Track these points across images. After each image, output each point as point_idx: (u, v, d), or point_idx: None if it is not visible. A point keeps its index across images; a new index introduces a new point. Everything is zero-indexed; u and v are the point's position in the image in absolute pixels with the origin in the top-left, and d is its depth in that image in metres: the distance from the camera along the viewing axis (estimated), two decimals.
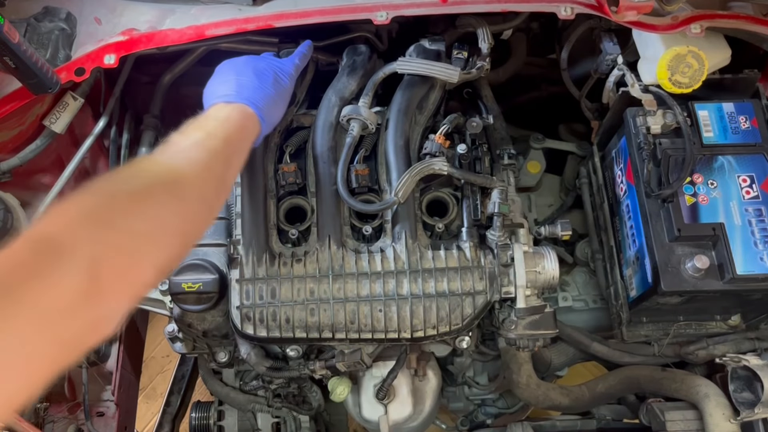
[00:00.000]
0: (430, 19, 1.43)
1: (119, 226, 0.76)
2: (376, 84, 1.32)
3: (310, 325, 1.19)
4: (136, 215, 0.79)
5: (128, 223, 0.77)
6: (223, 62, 1.20)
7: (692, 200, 1.25)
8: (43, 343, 0.64)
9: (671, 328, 1.40)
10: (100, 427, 1.66)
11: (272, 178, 1.29)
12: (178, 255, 0.88)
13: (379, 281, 1.19)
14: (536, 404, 1.48)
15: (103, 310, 0.71)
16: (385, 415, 1.36)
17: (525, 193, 1.68)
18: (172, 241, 0.84)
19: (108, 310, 0.71)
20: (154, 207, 0.82)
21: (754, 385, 1.29)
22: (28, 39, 1.21)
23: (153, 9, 1.29)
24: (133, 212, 0.79)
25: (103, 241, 0.72)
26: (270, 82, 1.15)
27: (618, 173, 1.42)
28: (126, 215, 0.77)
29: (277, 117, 1.19)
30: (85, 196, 0.78)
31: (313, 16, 1.24)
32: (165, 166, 0.89)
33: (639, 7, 1.22)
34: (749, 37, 1.32)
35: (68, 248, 0.68)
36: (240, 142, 1.04)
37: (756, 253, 1.20)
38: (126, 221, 0.77)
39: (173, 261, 0.87)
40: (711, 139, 1.30)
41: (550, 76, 1.72)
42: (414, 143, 1.30)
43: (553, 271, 1.23)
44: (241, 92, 1.10)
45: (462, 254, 1.22)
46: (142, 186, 0.83)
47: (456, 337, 1.25)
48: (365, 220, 1.28)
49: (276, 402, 1.46)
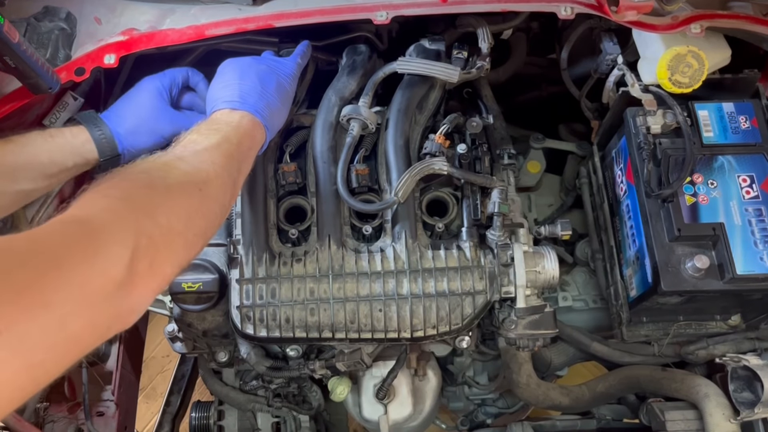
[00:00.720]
0: (430, 19, 1.43)
1: (159, 219, 0.77)
2: (376, 84, 1.32)
3: (310, 324, 1.19)
4: (172, 211, 0.80)
5: (166, 218, 0.78)
6: (225, 62, 1.20)
7: (692, 200, 1.25)
8: (81, 325, 0.64)
9: (671, 328, 1.40)
10: (100, 427, 1.66)
11: (272, 177, 1.29)
12: (196, 255, 0.89)
13: (379, 281, 1.19)
14: (536, 404, 1.48)
15: (133, 302, 0.71)
16: (385, 414, 1.36)
17: (525, 193, 1.68)
18: (196, 242, 0.85)
19: (136, 302, 0.72)
20: (187, 205, 0.83)
21: (754, 385, 1.29)
22: (28, 39, 1.21)
23: (153, 9, 1.29)
24: (170, 207, 0.80)
25: (144, 232, 0.73)
26: (273, 87, 1.15)
27: (618, 173, 1.42)
28: (164, 210, 0.78)
29: (279, 123, 1.19)
30: (124, 182, 0.79)
31: (313, 16, 1.24)
32: (194, 167, 0.90)
33: (639, 6, 1.22)
34: (749, 37, 1.32)
35: (115, 234, 0.70)
36: (249, 150, 1.06)
37: (756, 253, 1.20)
38: (164, 216, 0.78)
39: (191, 261, 0.88)
40: (711, 139, 1.30)
41: (550, 76, 1.72)
42: (414, 143, 1.30)
43: (553, 271, 1.23)
44: (246, 99, 1.10)
45: (462, 254, 1.22)
46: (177, 182, 0.84)
47: (456, 337, 1.25)
48: (365, 220, 1.28)
49: (276, 402, 1.46)
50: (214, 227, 0.92)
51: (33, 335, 0.58)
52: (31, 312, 0.58)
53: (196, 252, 0.87)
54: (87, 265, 0.65)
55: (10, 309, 0.56)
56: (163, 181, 0.83)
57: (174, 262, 0.79)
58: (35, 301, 0.59)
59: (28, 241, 0.64)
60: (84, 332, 0.65)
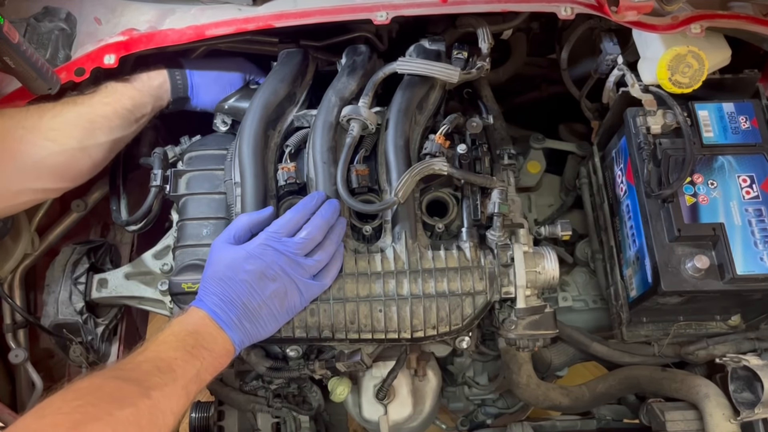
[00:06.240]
0: (430, 19, 1.43)
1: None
2: (376, 84, 1.32)
3: (310, 325, 1.19)
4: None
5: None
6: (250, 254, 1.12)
7: (692, 200, 1.25)
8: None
9: (671, 328, 1.40)
10: None
11: (272, 178, 1.29)
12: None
13: (379, 281, 1.19)
14: (536, 404, 1.48)
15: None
16: (385, 415, 1.36)
17: (525, 193, 1.68)
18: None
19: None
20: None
21: (754, 385, 1.29)
22: (28, 39, 1.21)
23: (153, 9, 1.29)
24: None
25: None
26: (275, 313, 1.12)
27: (618, 173, 1.42)
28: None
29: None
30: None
31: (313, 16, 1.24)
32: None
33: (639, 7, 1.22)
34: (749, 37, 1.32)
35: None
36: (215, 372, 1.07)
37: (756, 253, 1.20)
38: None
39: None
40: (711, 139, 1.30)
41: (550, 76, 1.72)
42: (414, 143, 1.30)
43: (553, 271, 1.23)
44: (233, 330, 1.08)
45: (462, 254, 1.22)
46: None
47: (456, 338, 1.25)
48: (365, 220, 1.28)
49: (276, 402, 1.46)
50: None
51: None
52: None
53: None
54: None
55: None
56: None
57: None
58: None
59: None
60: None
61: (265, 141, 1.28)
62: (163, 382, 0.95)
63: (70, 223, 1.55)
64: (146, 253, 1.39)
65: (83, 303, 1.39)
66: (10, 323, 1.45)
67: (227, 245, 1.14)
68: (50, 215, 1.53)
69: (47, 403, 0.86)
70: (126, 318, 1.57)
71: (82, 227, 1.64)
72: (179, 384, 0.97)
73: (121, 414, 0.87)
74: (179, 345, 1.01)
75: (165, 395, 0.94)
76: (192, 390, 1.00)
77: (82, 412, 0.85)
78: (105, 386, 0.91)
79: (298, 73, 1.38)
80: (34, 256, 1.49)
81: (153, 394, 0.93)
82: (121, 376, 0.94)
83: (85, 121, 1.21)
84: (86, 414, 0.85)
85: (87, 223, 1.66)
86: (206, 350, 1.04)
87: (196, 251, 1.26)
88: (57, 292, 1.39)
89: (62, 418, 0.84)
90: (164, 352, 1.00)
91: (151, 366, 0.97)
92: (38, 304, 1.50)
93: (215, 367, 1.06)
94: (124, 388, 0.91)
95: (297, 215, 1.16)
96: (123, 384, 0.92)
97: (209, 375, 1.05)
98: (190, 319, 1.07)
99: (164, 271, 1.36)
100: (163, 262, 1.37)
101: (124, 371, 0.96)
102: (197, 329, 1.05)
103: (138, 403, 0.90)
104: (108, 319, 1.47)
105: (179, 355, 1.00)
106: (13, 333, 1.45)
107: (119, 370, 0.96)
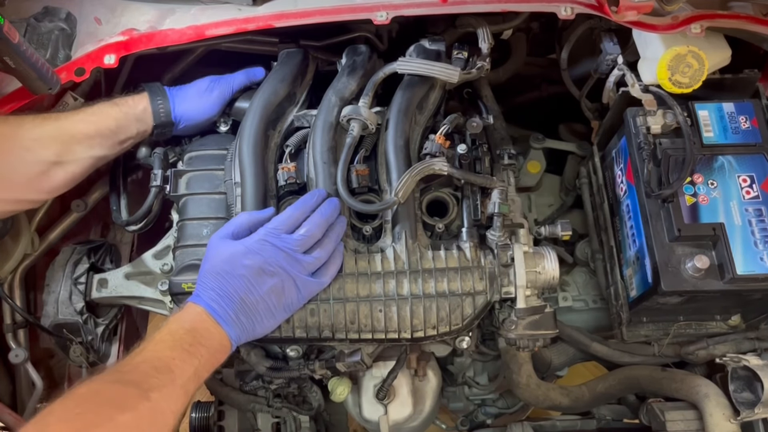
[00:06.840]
0: (430, 19, 1.44)
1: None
2: (376, 84, 1.32)
3: (310, 325, 1.19)
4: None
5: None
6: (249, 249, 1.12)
7: (692, 200, 1.25)
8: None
9: (671, 328, 1.40)
10: None
11: (272, 178, 1.29)
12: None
13: (379, 281, 1.19)
14: (536, 404, 1.48)
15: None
16: (385, 415, 1.35)
17: (525, 193, 1.68)
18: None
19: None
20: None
21: (754, 385, 1.29)
22: (28, 39, 1.21)
23: (153, 9, 1.29)
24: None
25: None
26: (272, 309, 1.12)
27: (618, 173, 1.42)
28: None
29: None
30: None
31: (313, 16, 1.25)
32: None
33: (639, 7, 1.22)
34: (749, 37, 1.32)
35: None
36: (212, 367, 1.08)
37: (756, 253, 1.20)
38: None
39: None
40: (711, 139, 1.30)
41: (550, 76, 1.72)
42: (414, 143, 1.30)
43: (553, 271, 1.23)
44: (229, 326, 1.08)
45: (462, 254, 1.22)
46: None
47: (456, 338, 1.25)
48: (365, 220, 1.28)
49: (276, 402, 1.46)
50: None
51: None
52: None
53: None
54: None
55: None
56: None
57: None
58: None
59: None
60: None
61: (265, 141, 1.29)
62: (162, 383, 0.95)
63: (70, 223, 1.55)
64: (146, 253, 1.39)
65: (83, 303, 1.39)
66: (10, 323, 1.45)
67: (225, 240, 1.13)
68: (50, 215, 1.53)
69: (47, 411, 0.86)
70: (126, 318, 1.58)
71: (82, 227, 1.64)
72: (178, 384, 0.97)
73: (121, 418, 0.87)
74: (176, 344, 1.01)
75: (164, 396, 0.94)
76: (191, 388, 1.00)
77: (83, 420, 0.85)
78: (104, 391, 0.91)
79: (298, 73, 1.38)
80: (34, 256, 1.49)
81: (152, 395, 0.93)
82: (119, 380, 0.94)
83: (65, 135, 1.21)
84: (87, 421, 0.85)
85: (87, 223, 1.66)
86: (203, 347, 1.04)
87: (196, 251, 1.26)
88: (57, 292, 1.39)
89: (64, 426, 0.84)
90: (162, 352, 1.00)
91: (149, 367, 0.97)
92: (38, 304, 1.50)
93: (212, 364, 1.06)
94: (124, 392, 0.91)
95: (297, 212, 1.16)
96: (122, 387, 0.92)
97: (207, 372, 1.05)
98: (186, 316, 1.07)
99: (164, 271, 1.36)
100: (164, 262, 1.37)
101: (123, 374, 0.96)
102: (194, 326, 1.05)
103: (138, 405, 0.90)
104: (108, 319, 1.47)
105: (177, 355, 1.00)
106: (13, 333, 1.45)
107: (117, 373, 0.96)
